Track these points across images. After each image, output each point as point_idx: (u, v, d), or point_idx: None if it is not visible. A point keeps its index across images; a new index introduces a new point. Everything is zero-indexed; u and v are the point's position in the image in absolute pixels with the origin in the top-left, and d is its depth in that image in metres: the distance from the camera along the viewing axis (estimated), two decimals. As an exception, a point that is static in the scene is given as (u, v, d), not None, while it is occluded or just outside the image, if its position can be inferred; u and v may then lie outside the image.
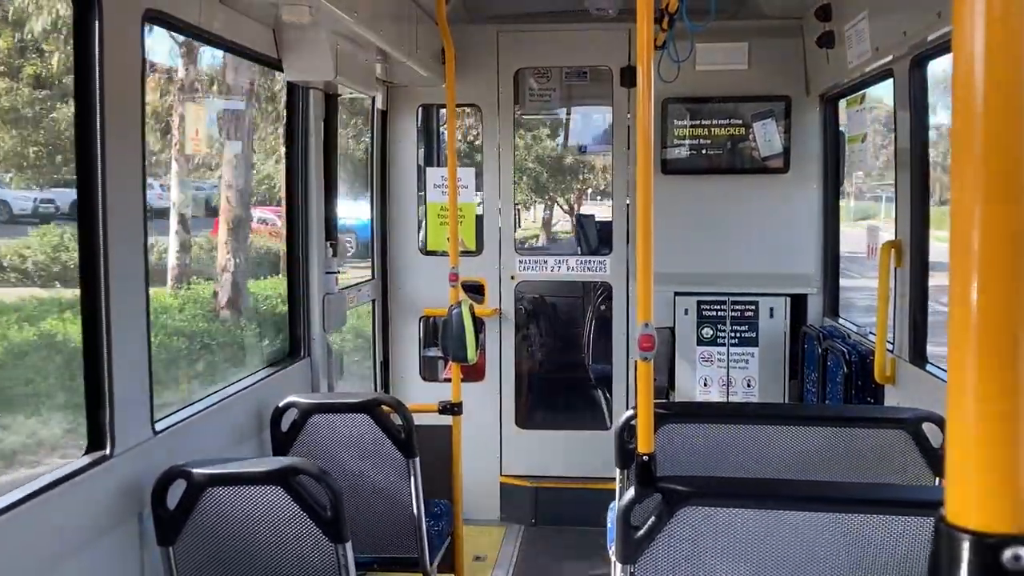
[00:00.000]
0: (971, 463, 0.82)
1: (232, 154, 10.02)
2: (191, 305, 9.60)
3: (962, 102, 0.82)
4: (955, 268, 0.82)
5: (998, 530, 0.81)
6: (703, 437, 3.81)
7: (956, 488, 0.84)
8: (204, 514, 3.36)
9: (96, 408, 3.23)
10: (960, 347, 0.82)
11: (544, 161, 20.09)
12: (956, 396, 0.83)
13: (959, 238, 0.82)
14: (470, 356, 5.50)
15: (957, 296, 0.82)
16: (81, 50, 3.13)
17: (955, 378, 0.83)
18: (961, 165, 0.82)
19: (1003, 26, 0.80)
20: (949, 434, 0.84)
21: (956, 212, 0.82)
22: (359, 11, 4.58)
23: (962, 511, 0.83)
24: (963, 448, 0.83)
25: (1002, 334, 0.81)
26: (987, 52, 0.81)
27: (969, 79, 0.81)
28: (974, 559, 0.82)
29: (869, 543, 2.60)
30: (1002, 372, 0.81)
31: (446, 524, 5.21)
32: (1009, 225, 0.80)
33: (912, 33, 4.40)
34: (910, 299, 4.87)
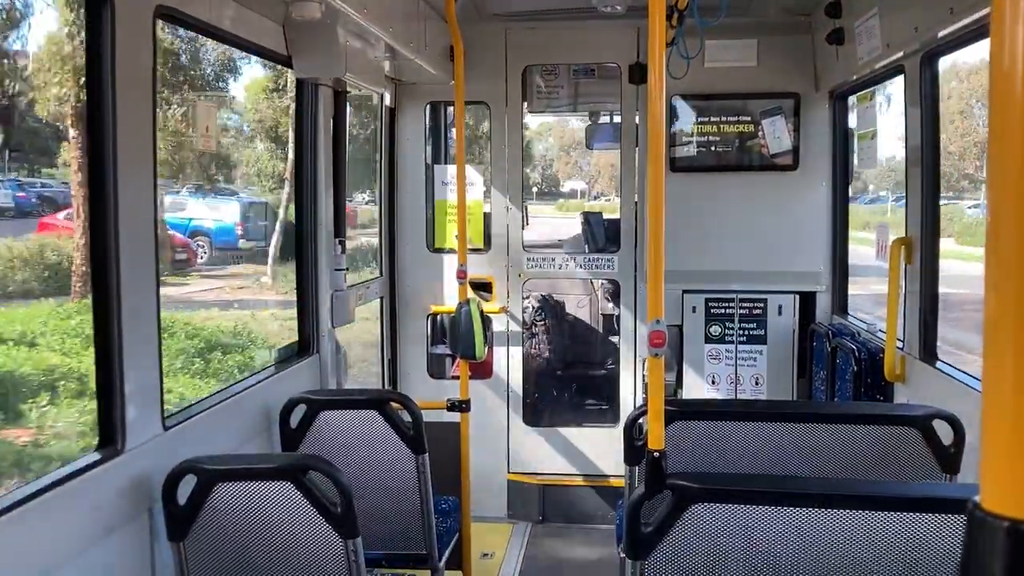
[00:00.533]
0: (1007, 450, 0.82)
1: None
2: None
3: (1001, 97, 0.81)
4: (991, 256, 0.82)
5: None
6: (712, 434, 3.80)
7: (992, 475, 0.83)
8: (214, 509, 3.36)
9: (108, 404, 3.24)
10: (996, 335, 0.82)
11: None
12: (992, 383, 0.83)
13: (994, 235, 0.82)
14: (479, 353, 5.51)
15: (993, 287, 0.82)
16: (93, 46, 3.14)
17: (991, 366, 0.83)
18: (999, 161, 0.82)
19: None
20: (984, 421, 0.83)
21: (993, 207, 0.82)
22: (369, 8, 4.58)
23: (999, 498, 0.82)
24: (998, 435, 0.82)
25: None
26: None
27: (1010, 73, 0.80)
28: (1012, 545, 0.81)
29: (880, 540, 2.60)
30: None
31: (454, 521, 5.22)
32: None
33: (923, 29, 4.39)
34: (920, 296, 4.86)
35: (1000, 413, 0.82)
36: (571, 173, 51.29)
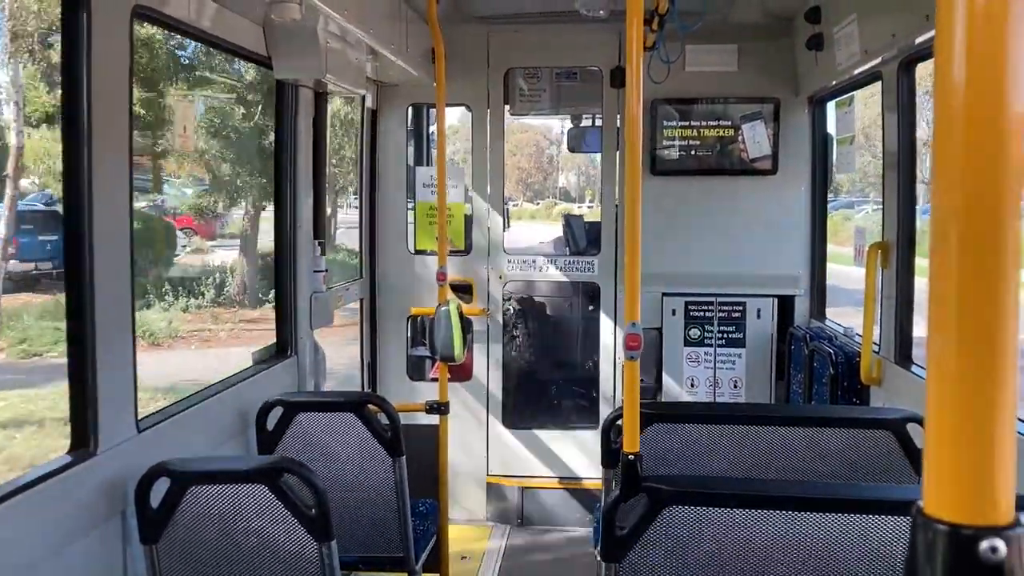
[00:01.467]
0: (949, 458, 0.84)
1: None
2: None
3: (943, 105, 0.83)
4: (935, 269, 0.83)
5: (974, 522, 0.83)
6: (689, 437, 3.82)
7: (934, 481, 0.85)
8: (188, 512, 3.34)
9: (80, 405, 3.21)
10: (940, 346, 0.84)
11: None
12: (935, 393, 0.85)
13: (939, 240, 0.83)
14: (457, 355, 5.50)
15: (937, 297, 0.83)
16: (70, 45, 3.11)
17: (934, 375, 0.85)
18: (942, 166, 0.83)
19: (985, 30, 0.81)
20: (928, 429, 0.85)
21: (936, 213, 0.84)
22: (349, 9, 4.57)
23: (940, 504, 0.84)
24: (941, 443, 0.84)
25: (980, 334, 0.82)
26: (968, 56, 0.81)
27: (950, 83, 0.82)
28: (951, 550, 0.83)
29: (854, 543, 2.61)
30: (980, 370, 0.83)
31: (432, 523, 5.21)
32: (988, 227, 0.82)
33: (900, 36, 4.42)
34: (896, 301, 4.90)
35: (941, 420, 0.84)
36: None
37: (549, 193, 49.17)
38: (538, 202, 47.25)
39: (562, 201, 46.50)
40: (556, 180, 50.33)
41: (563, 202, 45.75)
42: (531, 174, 48.79)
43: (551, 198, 47.80)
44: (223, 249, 19.94)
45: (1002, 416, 0.83)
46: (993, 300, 0.81)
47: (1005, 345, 0.82)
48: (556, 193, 49.10)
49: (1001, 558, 0.82)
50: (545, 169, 50.12)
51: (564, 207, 40.78)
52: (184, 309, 16.92)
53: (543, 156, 49.40)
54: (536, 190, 49.19)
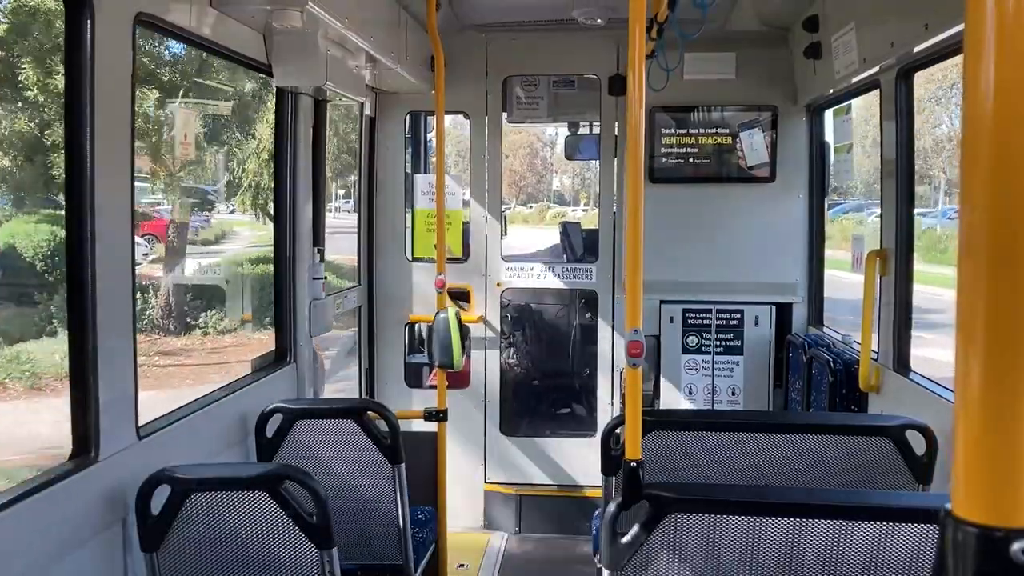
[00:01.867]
0: (978, 459, 0.84)
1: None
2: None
3: (973, 107, 0.83)
4: (964, 268, 0.84)
5: (1006, 524, 0.83)
6: (688, 445, 3.82)
7: (963, 484, 0.85)
8: (188, 520, 3.34)
9: (82, 412, 3.21)
10: (968, 347, 0.84)
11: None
12: (964, 394, 0.85)
13: (969, 242, 0.84)
14: (456, 362, 5.50)
15: (966, 298, 0.83)
16: (72, 53, 3.12)
17: (963, 376, 0.85)
18: (970, 171, 0.84)
19: (1016, 28, 0.81)
20: (957, 430, 0.85)
21: (965, 216, 0.84)
22: (350, 17, 4.58)
23: (970, 506, 0.84)
24: (970, 444, 0.84)
25: (1009, 334, 0.83)
26: (998, 56, 0.82)
27: (980, 84, 0.82)
28: (982, 552, 0.83)
29: (855, 551, 2.62)
30: (1009, 370, 0.83)
31: (430, 531, 5.20)
32: (1017, 228, 0.82)
33: (899, 44, 4.44)
34: (895, 308, 4.91)
35: (971, 423, 0.84)
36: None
37: (543, 196, 49.00)
38: (531, 205, 47.07)
39: (556, 205, 46.29)
40: (550, 183, 50.11)
41: (557, 205, 45.51)
42: (524, 177, 48.56)
43: (545, 202, 47.62)
44: (199, 258, 18.01)
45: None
46: (1020, 306, 0.82)
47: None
48: (550, 196, 48.89)
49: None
50: (539, 172, 49.93)
51: (558, 211, 40.64)
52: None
53: (537, 159, 49.21)
54: (529, 193, 48.99)
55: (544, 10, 6.53)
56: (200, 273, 17.00)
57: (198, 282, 16.50)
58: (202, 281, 16.64)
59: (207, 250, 18.12)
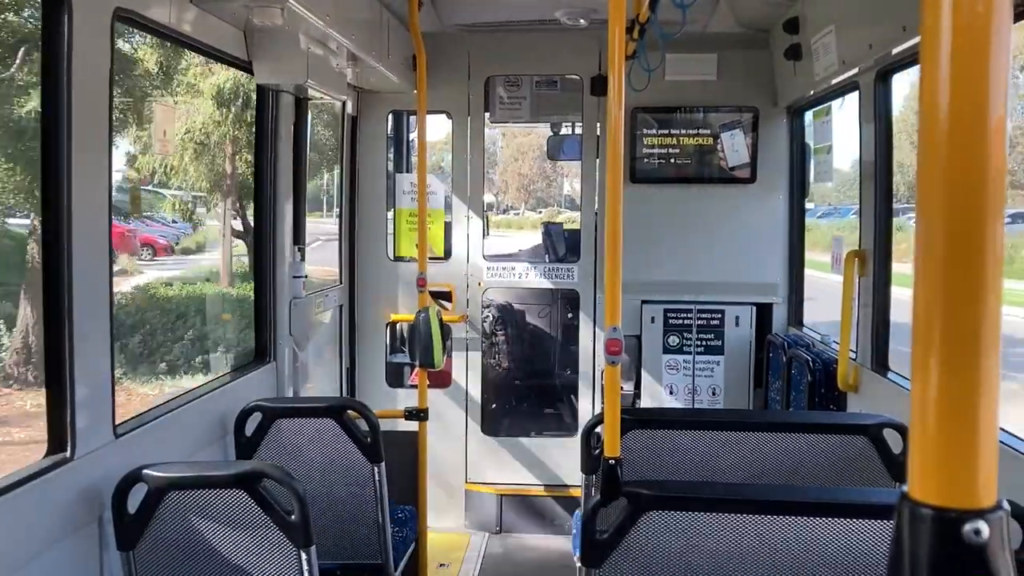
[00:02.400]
0: (933, 444, 0.86)
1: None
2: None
3: (928, 113, 0.85)
4: (921, 267, 0.86)
5: (958, 505, 0.85)
6: (668, 443, 3.83)
7: (919, 467, 0.87)
8: (165, 518, 3.32)
9: (57, 410, 3.18)
10: (924, 338, 0.86)
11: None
12: (920, 381, 0.87)
13: (925, 242, 0.86)
14: (437, 362, 5.50)
15: (922, 292, 0.86)
16: (50, 49, 3.09)
17: (919, 366, 0.87)
18: (927, 175, 0.86)
19: (969, 36, 0.83)
20: (913, 415, 0.88)
21: (922, 219, 0.86)
22: (331, 15, 4.57)
23: (925, 489, 0.87)
24: (926, 429, 0.87)
25: (964, 322, 0.85)
26: (953, 63, 0.83)
27: (935, 90, 0.85)
28: (936, 533, 0.86)
29: (831, 547, 2.64)
30: (963, 356, 0.85)
31: (411, 530, 5.19)
32: (970, 228, 0.84)
33: (877, 46, 4.48)
34: (873, 308, 4.95)
35: (927, 410, 0.86)
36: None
37: (554, 201, 48.22)
38: (541, 210, 46.22)
39: (567, 210, 45.52)
40: (561, 187, 49.49)
41: (569, 210, 44.75)
42: (534, 181, 48.02)
43: (556, 206, 46.82)
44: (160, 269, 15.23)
45: (985, 401, 0.85)
46: (976, 295, 0.84)
47: (988, 335, 0.85)
48: (561, 201, 48.10)
49: (984, 540, 0.84)
50: (549, 176, 49.42)
51: (570, 216, 40.00)
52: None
53: (547, 162, 48.46)
54: (539, 198, 48.33)
55: (527, 10, 6.53)
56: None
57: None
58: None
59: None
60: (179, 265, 14.79)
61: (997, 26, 0.83)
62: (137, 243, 14.41)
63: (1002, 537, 0.85)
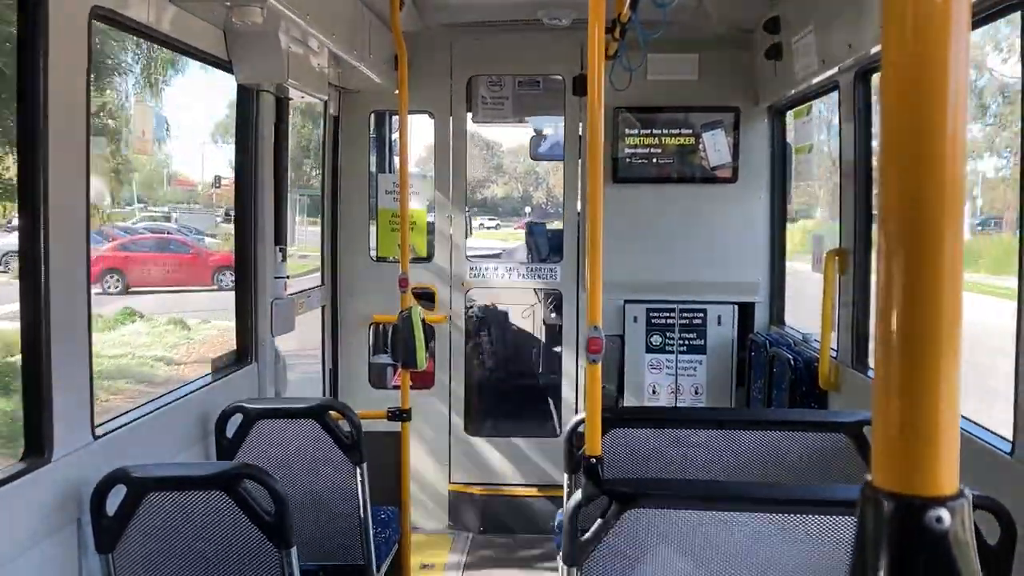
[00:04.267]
0: (895, 432, 0.87)
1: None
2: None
3: (890, 113, 0.87)
4: (885, 259, 0.88)
5: (921, 493, 0.86)
6: (650, 441, 3.84)
7: (882, 455, 0.88)
8: (144, 520, 3.30)
9: (35, 412, 3.15)
10: (886, 323, 0.87)
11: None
12: (882, 366, 0.88)
13: (887, 237, 0.88)
14: (420, 362, 5.49)
15: (885, 283, 0.87)
16: (27, 47, 3.07)
17: (881, 350, 0.89)
18: (888, 179, 0.88)
19: (927, 42, 0.85)
20: (875, 404, 0.89)
21: (884, 213, 0.88)
22: (312, 14, 4.55)
23: (887, 477, 0.88)
24: (888, 418, 0.88)
25: (925, 311, 0.86)
26: (912, 66, 0.86)
27: (897, 89, 0.87)
28: (898, 520, 0.87)
29: (811, 543, 2.65)
30: (924, 347, 0.86)
31: (393, 531, 5.18)
32: (930, 221, 0.86)
33: (856, 46, 4.50)
34: (853, 307, 4.97)
35: (890, 399, 0.87)
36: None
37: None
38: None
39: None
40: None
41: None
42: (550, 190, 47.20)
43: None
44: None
45: (947, 390, 0.86)
46: (937, 290, 0.86)
47: (948, 324, 0.86)
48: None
49: (946, 527, 0.85)
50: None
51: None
52: None
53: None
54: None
55: (509, 10, 6.54)
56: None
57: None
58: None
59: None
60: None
61: (956, 35, 0.85)
62: None
63: (963, 524, 0.86)
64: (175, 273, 23.00)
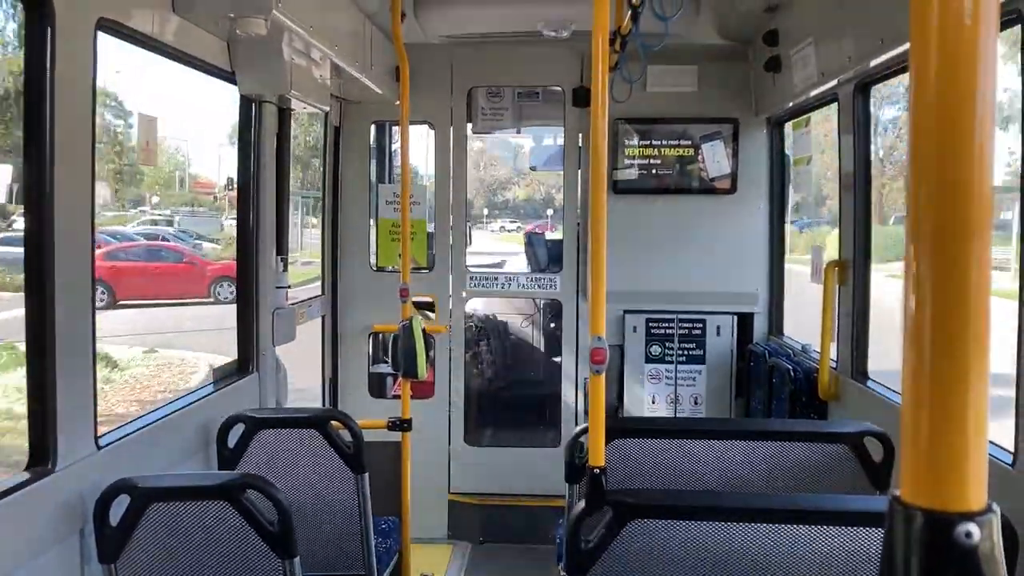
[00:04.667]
0: (925, 447, 0.88)
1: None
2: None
3: (919, 118, 0.87)
4: (912, 269, 0.88)
5: (950, 508, 0.87)
6: (650, 452, 3.85)
7: (911, 470, 0.89)
8: (148, 530, 3.30)
9: (39, 422, 3.16)
10: (916, 336, 0.88)
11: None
12: (911, 383, 0.89)
13: (915, 249, 0.88)
14: (420, 372, 5.50)
15: (913, 297, 0.88)
16: (33, 58, 3.09)
17: (910, 366, 0.89)
18: (917, 179, 0.88)
19: (958, 39, 0.85)
20: (904, 418, 0.89)
21: (912, 228, 0.88)
22: (315, 26, 4.58)
23: (916, 491, 0.88)
24: (918, 433, 0.88)
25: (955, 326, 0.87)
26: (941, 67, 0.86)
27: (926, 94, 0.86)
28: (928, 535, 0.87)
29: (814, 554, 2.66)
30: (954, 360, 0.87)
31: (394, 541, 5.19)
32: (958, 238, 0.86)
33: (856, 59, 4.53)
34: (853, 317, 4.99)
35: (919, 413, 0.88)
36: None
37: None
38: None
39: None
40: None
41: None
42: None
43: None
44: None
45: (975, 406, 0.87)
46: (968, 299, 0.86)
47: (978, 339, 0.86)
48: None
49: (975, 542, 0.86)
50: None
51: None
52: None
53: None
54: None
55: (509, 22, 6.56)
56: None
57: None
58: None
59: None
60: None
61: (984, 38, 0.85)
62: None
63: (992, 539, 0.87)
64: (167, 284, 20.95)
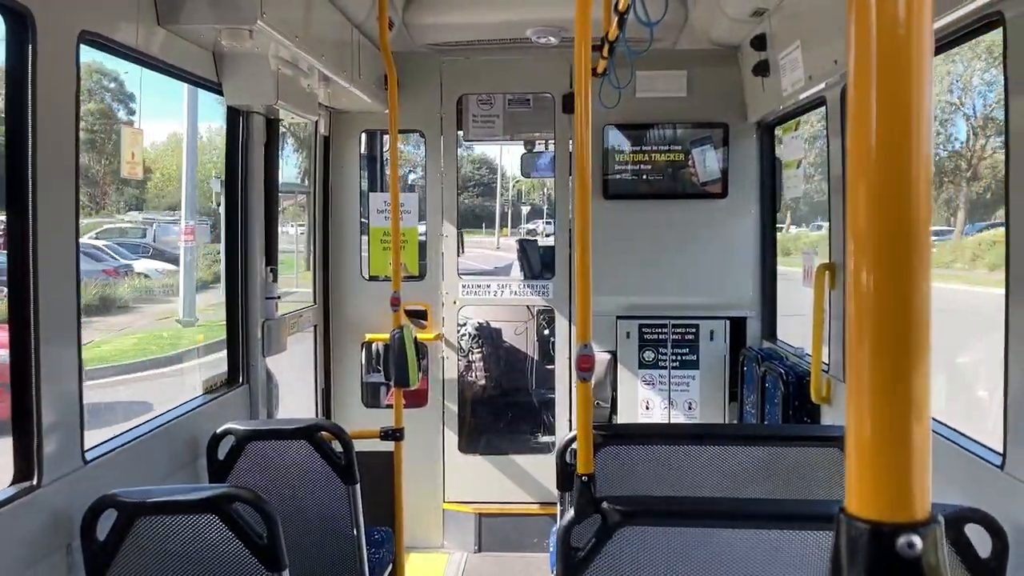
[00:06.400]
0: (868, 459, 0.88)
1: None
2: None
3: (857, 124, 0.91)
4: (852, 286, 0.90)
5: (893, 519, 0.87)
6: (643, 458, 3.83)
7: (855, 482, 0.89)
8: (136, 545, 3.27)
9: (24, 436, 3.14)
10: (858, 354, 0.89)
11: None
12: (854, 398, 0.90)
13: (856, 266, 0.89)
14: (412, 381, 5.48)
15: (854, 310, 0.89)
16: (14, 70, 3.07)
17: (853, 382, 0.90)
18: (853, 192, 0.89)
19: (895, 49, 0.87)
20: (848, 433, 0.90)
21: (852, 237, 0.90)
22: (300, 36, 4.57)
23: (861, 503, 0.89)
24: (861, 445, 0.89)
25: (894, 344, 0.87)
26: (879, 75, 0.88)
27: (863, 101, 0.90)
28: (871, 546, 0.88)
29: (805, 558, 2.64)
30: (895, 376, 0.87)
31: (388, 552, 5.16)
32: (901, 242, 0.87)
33: (843, 62, 4.53)
34: (844, 321, 4.98)
35: (861, 426, 0.89)
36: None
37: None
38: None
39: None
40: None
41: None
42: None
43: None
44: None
45: (917, 418, 0.87)
46: (907, 317, 0.87)
47: (919, 351, 0.87)
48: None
49: (917, 553, 0.86)
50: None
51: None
52: None
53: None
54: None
55: (497, 30, 6.56)
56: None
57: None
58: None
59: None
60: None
61: (918, 45, 0.87)
62: None
63: (936, 550, 0.87)
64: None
